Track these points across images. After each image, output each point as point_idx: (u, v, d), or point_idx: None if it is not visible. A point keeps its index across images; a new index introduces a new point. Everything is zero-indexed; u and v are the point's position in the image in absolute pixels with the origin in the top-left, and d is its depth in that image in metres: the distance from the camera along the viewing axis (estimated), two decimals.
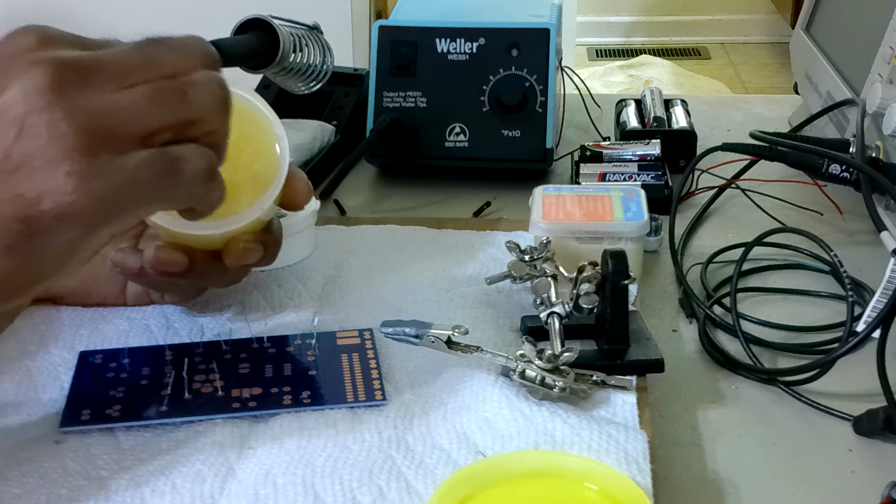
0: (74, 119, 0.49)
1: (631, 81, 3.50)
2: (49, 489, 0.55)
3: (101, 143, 0.50)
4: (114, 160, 0.50)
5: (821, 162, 0.84)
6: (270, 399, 0.62)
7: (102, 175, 0.50)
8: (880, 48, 0.88)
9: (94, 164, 0.49)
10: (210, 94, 0.54)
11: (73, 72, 0.50)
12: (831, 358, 0.67)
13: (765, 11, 4.12)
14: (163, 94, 0.52)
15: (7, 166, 0.49)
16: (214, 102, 0.54)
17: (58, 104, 0.49)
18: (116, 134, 0.50)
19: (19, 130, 0.49)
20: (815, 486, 0.60)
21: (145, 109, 0.51)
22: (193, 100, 0.53)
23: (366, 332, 0.69)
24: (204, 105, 0.53)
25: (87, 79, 0.50)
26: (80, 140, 0.49)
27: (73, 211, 0.49)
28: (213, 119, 0.54)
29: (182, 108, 0.52)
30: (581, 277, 0.67)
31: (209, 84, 0.54)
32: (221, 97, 0.54)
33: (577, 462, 0.56)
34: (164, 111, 0.52)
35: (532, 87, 0.94)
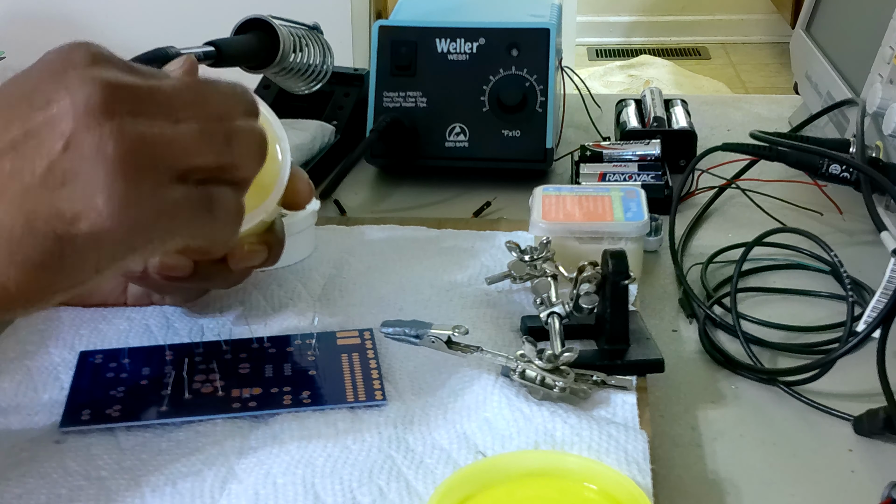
0: (122, 143, 0.49)
1: (631, 81, 3.50)
2: (49, 489, 0.55)
3: (144, 171, 0.50)
4: (155, 190, 0.50)
5: (821, 162, 0.84)
6: (270, 399, 0.62)
7: (141, 203, 0.50)
8: (880, 48, 0.88)
9: (135, 191, 0.49)
10: (251, 144, 0.55)
11: (126, 95, 0.50)
12: (831, 358, 0.67)
13: (765, 11, 4.12)
14: (210, 135, 0.53)
15: (49, 181, 0.48)
16: (255, 152, 0.55)
17: (108, 125, 0.49)
18: (161, 165, 0.50)
19: (66, 145, 0.48)
20: (815, 486, 0.60)
21: (192, 147, 0.52)
22: (236, 146, 0.54)
23: (366, 332, 0.69)
24: (244, 153, 0.54)
25: (139, 105, 0.50)
26: (126, 165, 0.49)
27: (107, 235, 0.49)
28: (249, 167, 0.55)
29: (226, 151, 0.53)
30: (581, 277, 0.67)
31: (251, 134, 0.55)
32: (261, 148, 0.56)
33: (577, 462, 0.56)
34: (210, 152, 0.53)
35: (532, 87, 0.94)
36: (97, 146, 0.48)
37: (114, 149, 0.48)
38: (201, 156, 0.52)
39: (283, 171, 0.65)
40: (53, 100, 0.49)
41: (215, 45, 0.88)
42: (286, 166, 0.65)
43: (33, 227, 0.48)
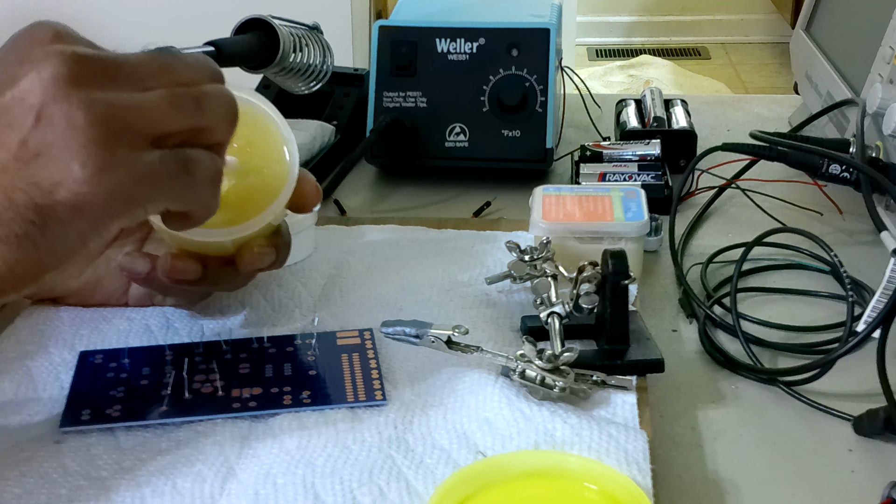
0: (92, 111, 0.49)
1: (631, 81, 3.50)
2: (49, 489, 0.55)
3: (117, 137, 0.50)
4: (129, 155, 0.50)
5: (821, 162, 0.84)
6: (270, 399, 0.62)
7: (118, 168, 0.50)
8: (880, 48, 0.88)
9: (110, 157, 0.50)
10: (222, 106, 0.55)
11: (92, 67, 0.51)
12: (831, 358, 0.67)
13: (765, 11, 4.12)
14: (180, 99, 0.53)
15: (24, 154, 0.49)
16: (225, 113, 0.55)
17: (76, 94, 0.49)
18: (133, 130, 0.51)
19: (37, 118, 0.49)
20: (815, 486, 0.60)
21: (163, 111, 0.52)
22: (206, 109, 0.54)
23: (366, 332, 0.69)
24: (216, 115, 0.55)
25: (105, 75, 0.51)
26: (98, 132, 0.49)
27: (86, 202, 0.50)
28: (222, 129, 0.56)
29: (196, 115, 0.54)
30: (581, 277, 0.67)
31: (221, 96, 0.55)
32: (231, 110, 0.56)
33: (577, 462, 0.56)
34: (180, 115, 0.53)
35: (532, 87, 0.94)
36: (67, 116, 0.49)
37: (84, 117, 0.49)
38: (172, 120, 0.53)
39: (292, 173, 0.65)
40: (20, 75, 0.50)
41: (215, 45, 0.88)
42: (294, 168, 0.65)
43: (13, 201, 0.49)
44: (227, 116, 0.56)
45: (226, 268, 0.66)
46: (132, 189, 0.51)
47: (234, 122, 0.56)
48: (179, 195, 0.54)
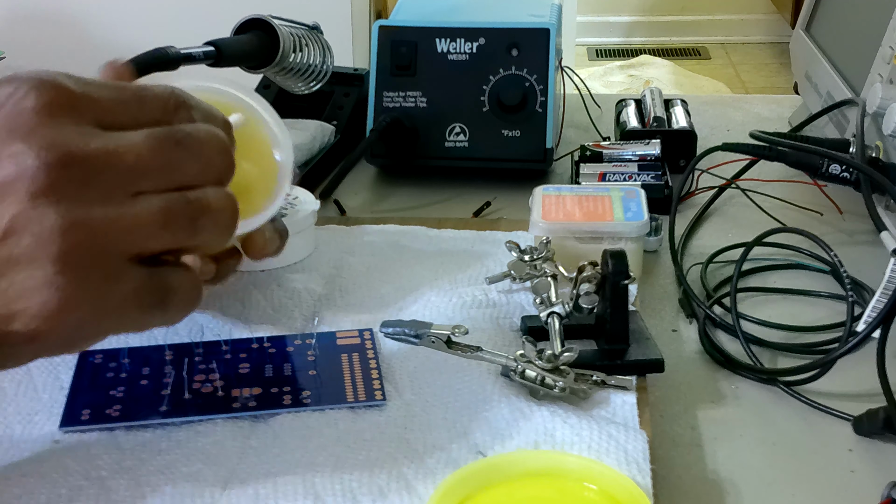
0: (68, 235, 0.44)
1: (631, 81, 3.50)
2: (49, 489, 0.55)
3: (92, 261, 0.45)
4: (100, 287, 0.46)
5: (821, 162, 0.84)
6: (270, 399, 0.62)
7: (84, 302, 0.45)
8: (880, 48, 0.88)
9: (78, 286, 0.45)
10: (219, 225, 0.50)
11: (79, 171, 0.45)
12: (831, 358, 0.67)
13: (765, 11, 4.12)
14: (173, 216, 0.47)
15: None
16: (221, 234, 0.50)
17: (53, 215, 0.44)
18: (112, 254, 0.46)
19: (7, 231, 0.44)
20: (815, 486, 0.60)
21: (149, 232, 0.47)
22: (201, 228, 0.49)
23: (366, 332, 0.69)
24: (210, 235, 0.50)
25: (93, 181, 0.45)
26: (70, 260, 0.44)
27: (43, 336, 0.45)
28: (213, 246, 0.52)
29: (187, 235, 0.49)
30: (581, 277, 0.67)
31: (221, 213, 0.50)
32: (229, 226, 0.51)
33: (577, 462, 0.56)
34: (168, 236, 0.48)
35: (532, 87, 0.94)
36: (38, 240, 0.44)
37: (58, 244, 0.44)
38: (160, 240, 0.47)
39: (283, 177, 0.64)
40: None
41: (215, 45, 0.88)
42: (286, 173, 0.64)
43: None
44: (223, 233, 0.50)
45: (232, 259, 0.63)
46: (96, 325, 0.47)
47: (230, 236, 0.51)
48: (146, 325, 0.50)
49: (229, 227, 0.51)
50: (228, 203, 0.50)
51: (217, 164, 0.50)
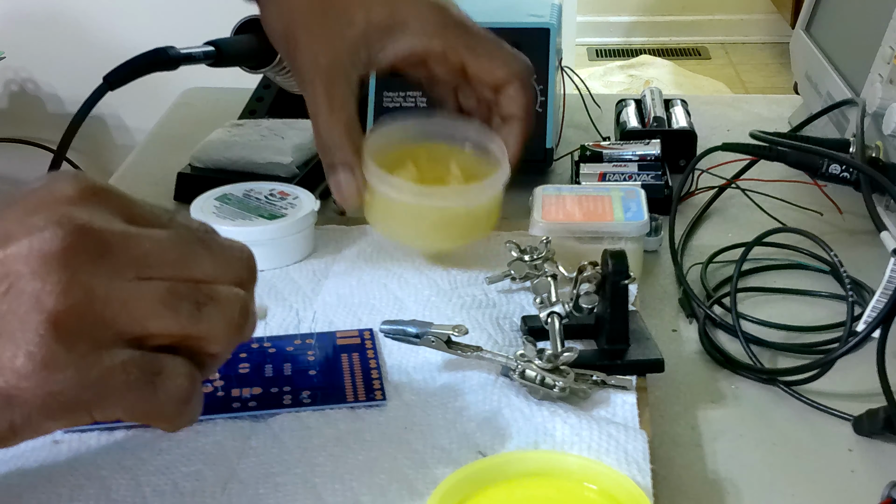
0: (67, 297, 0.44)
1: (631, 81, 3.50)
2: (49, 488, 0.55)
3: (85, 331, 0.44)
4: (89, 354, 0.44)
5: (821, 162, 0.84)
6: (270, 399, 0.62)
7: (67, 368, 0.44)
8: (880, 48, 0.88)
9: (64, 353, 0.44)
10: (226, 317, 0.48)
11: (93, 244, 0.45)
12: (831, 358, 0.67)
13: (765, 11, 4.12)
14: (176, 299, 0.47)
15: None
16: (227, 327, 0.48)
17: (57, 275, 0.44)
18: (107, 326, 0.45)
19: (7, 289, 0.44)
20: (815, 486, 0.60)
21: (151, 310, 0.46)
22: (206, 316, 0.47)
23: (366, 332, 0.69)
24: (215, 326, 0.48)
25: (106, 256, 0.45)
26: (62, 321, 0.44)
27: (21, 397, 0.44)
28: (219, 342, 0.49)
29: (190, 321, 0.47)
30: (581, 277, 0.67)
31: (230, 305, 0.48)
32: (238, 323, 0.49)
33: (577, 462, 0.56)
34: (170, 319, 0.47)
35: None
36: (37, 297, 0.43)
37: (54, 302, 0.43)
38: (159, 322, 0.46)
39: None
40: (16, 235, 0.44)
41: (215, 45, 0.88)
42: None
43: None
44: (229, 330, 0.48)
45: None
46: (76, 394, 0.45)
47: (238, 336, 0.49)
48: (134, 408, 0.47)
49: (238, 323, 0.49)
50: (239, 299, 0.49)
51: (236, 267, 0.50)
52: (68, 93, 2.26)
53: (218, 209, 0.79)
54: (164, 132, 1.12)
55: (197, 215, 0.78)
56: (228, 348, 0.50)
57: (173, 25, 2.07)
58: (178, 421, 0.48)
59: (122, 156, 1.22)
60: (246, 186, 0.83)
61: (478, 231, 0.77)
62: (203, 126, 1.00)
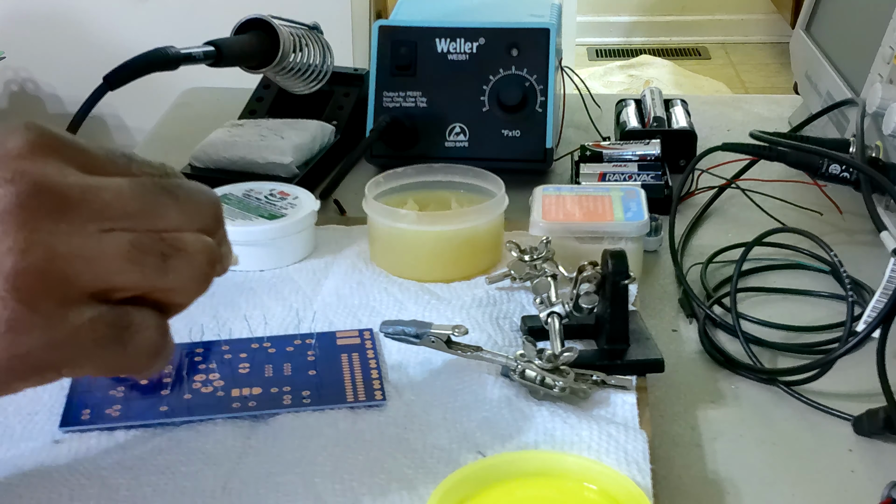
0: (27, 256, 0.42)
1: (631, 81, 3.50)
2: (49, 488, 0.55)
3: (48, 291, 0.43)
4: (54, 313, 0.43)
5: (821, 162, 0.84)
6: (270, 399, 0.62)
7: (34, 329, 0.43)
8: (880, 48, 0.88)
9: (29, 313, 0.43)
10: (193, 268, 0.47)
11: (52, 199, 0.43)
12: (831, 358, 0.67)
13: (765, 11, 4.12)
14: (142, 251, 0.45)
15: None
16: (195, 278, 0.47)
17: (17, 235, 0.42)
18: (70, 284, 0.43)
19: None
20: (815, 486, 0.60)
21: (115, 265, 0.44)
22: (172, 268, 0.46)
23: (366, 332, 0.69)
24: (182, 277, 0.47)
25: (65, 212, 0.43)
26: (25, 282, 0.42)
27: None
28: (186, 293, 0.48)
29: (155, 274, 0.46)
30: (581, 277, 0.67)
31: (197, 255, 0.47)
32: (205, 273, 0.47)
33: (576, 462, 0.56)
34: (136, 272, 0.45)
35: (532, 87, 0.94)
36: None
37: (14, 264, 0.42)
38: (124, 276, 0.45)
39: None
40: None
41: (215, 45, 0.88)
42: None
43: None
44: (197, 278, 0.47)
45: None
46: (44, 355, 0.44)
47: (206, 284, 0.48)
48: (105, 364, 0.46)
49: (206, 273, 0.47)
50: (206, 248, 0.47)
51: (203, 213, 0.48)
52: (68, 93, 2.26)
53: None
54: (164, 132, 1.12)
55: None
56: (192, 299, 0.48)
57: (173, 25, 2.07)
58: (149, 372, 0.48)
59: None
60: (246, 186, 0.83)
61: (480, 260, 0.77)
62: (203, 126, 1.00)
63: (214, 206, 0.49)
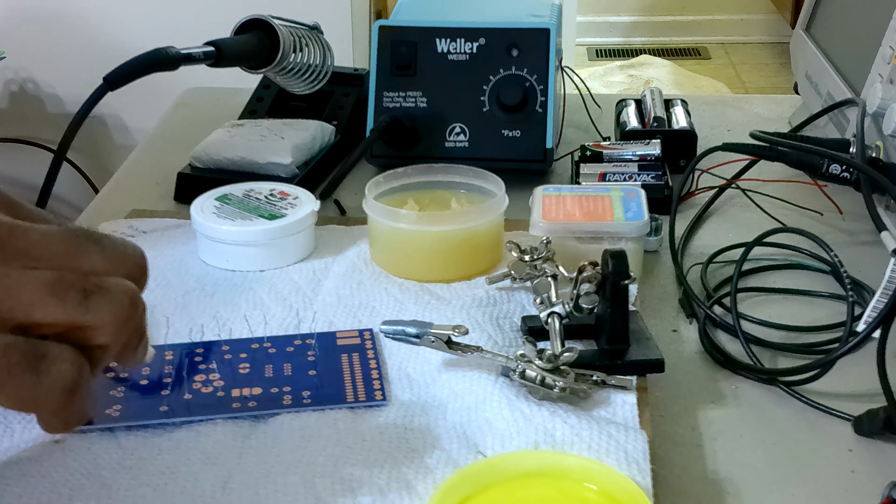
0: None
1: (631, 81, 3.50)
2: (50, 488, 0.55)
3: None
4: None
5: (821, 162, 0.84)
6: (270, 399, 0.62)
7: None
8: (880, 48, 0.88)
9: None
10: (114, 306, 0.47)
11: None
12: (831, 358, 0.67)
13: (765, 11, 4.12)
14: (63, 288, 0.45)
15: None
16: (116, 316, 0.47)
17: None
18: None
19: None
20: (815, 486, 0.60)
21: (37, 297, 0.45)
22: (94, 305, 0.46)
23: (366, 332, 0.69)
24: (103, 315, 0.47)
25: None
26: None
27: None
28: (106, 332, 0.47)
29: (77, 309, 0.46)
30: (581, 277, 0.67)
31: (118, 295, 0.47)
32: (127, 314, 0.48)
33: (576, 462, 0.56)
34: (57, 307, 0.45)
35: (532, 87, 0.94)
36: None
37: None
38: (45, 310, 0.45)
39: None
40: None
41: (215, 45, 0.88)
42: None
43: None
44: (118, 317, 0.47)
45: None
46: None
47: (127, 327, 0.48)
48: (17, 394, 0.45)
49: (128, 314, 0.48)
50: (129, 290, 0.48)
51: (128, 263, 0.49)
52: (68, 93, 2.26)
53: (218, 209, 0.79)
54: (164, 132, 1.12)
55: (197, 215, 0.78)
56: (117, 339, 0.48)
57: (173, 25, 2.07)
58: (65, 414, 0.47)
59: (122, 156, 1.22)
60: (246, 186, 0.83)
61: (480, 260, 0.77)
62: (203, 126, 1.00)
63: (140, 257, 0.49)
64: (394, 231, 0.76)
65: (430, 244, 0.75)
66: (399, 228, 0.76)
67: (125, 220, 0.86)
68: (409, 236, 0.76)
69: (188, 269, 0.78)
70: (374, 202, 0.77)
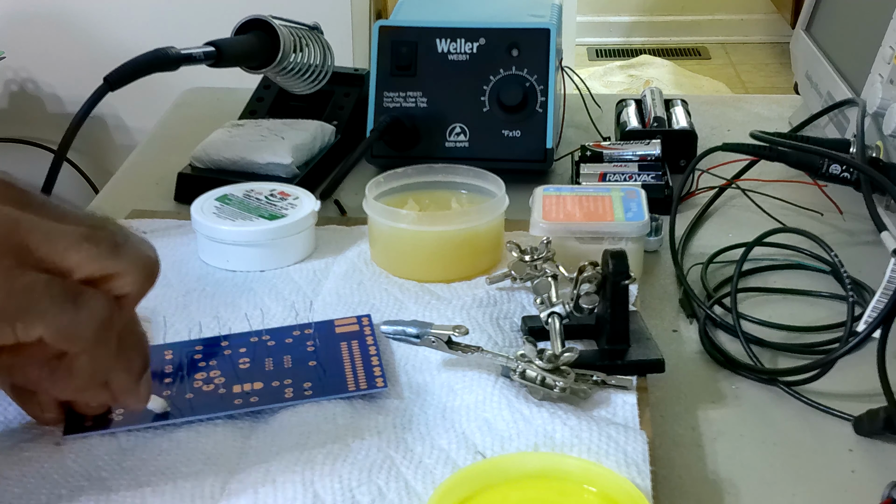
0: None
1: (631, 81, 3.49)
2: (50, 489, 0.55)
3: (10, 250, 0.48)
4: (13, 269, 0.48)
5: (821, 162, 0.84)
6: (272, 393, 0.62)
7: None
8: (880, 48, 0.88)
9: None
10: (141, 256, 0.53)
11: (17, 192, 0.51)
12: (831, 358, 0.67)
13: (765, 11, 4.12)
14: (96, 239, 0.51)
15: None
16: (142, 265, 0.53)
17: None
18: (30, 252, 0.49)
19: None
20: (815, 486, 0.60)
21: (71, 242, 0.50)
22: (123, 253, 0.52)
23: (364, 317, 0.69)
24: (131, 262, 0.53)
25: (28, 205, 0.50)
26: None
27: None
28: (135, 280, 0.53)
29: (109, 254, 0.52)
30: (581, 277, 0.67)
31: (145, 247, 0.54)
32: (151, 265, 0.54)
33: (576, 464, 0.56)
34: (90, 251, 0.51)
35: (532, 87, 0.94)
36: None
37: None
38: (80, 254, 0.50)
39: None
40: None
41: (215, 46, 0.88)
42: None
43: None
44: (143, 267, 0.53)
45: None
46: (2, 304, 0.48)
47: (152, 277, 0.54)
48: (57, 324, 0.50)
49: (152, 262, 0.53)
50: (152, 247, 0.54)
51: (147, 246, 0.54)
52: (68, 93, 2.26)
53: (218, 209, 0.79)
54: (164, 132, 1.12)
55: (197, 215, 0.79)
56: (141, 290, 0.53)
57: (173, 25, 2.07)
58: (98, 351, 0.52)
59: (122, 156, 1.22)
60: (246, 187, 0.83)
61: (480, 260, 0.77)
62: (203, 126, 1.00)
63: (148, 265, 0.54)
64: (394, 231, 0.76)
65: (430, 244, 0.76)
66: (399, 228, 0.76)
67: (125, 220, 0.86)
68: (409, 236, 0.76)
69: (188, 270, 0.78)
70: (374, 202, 0.77)
